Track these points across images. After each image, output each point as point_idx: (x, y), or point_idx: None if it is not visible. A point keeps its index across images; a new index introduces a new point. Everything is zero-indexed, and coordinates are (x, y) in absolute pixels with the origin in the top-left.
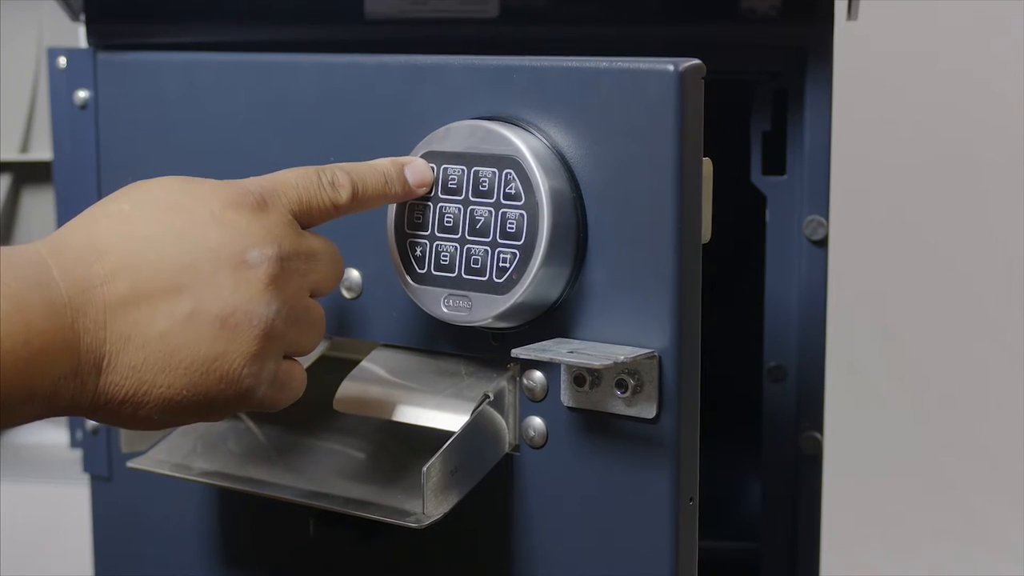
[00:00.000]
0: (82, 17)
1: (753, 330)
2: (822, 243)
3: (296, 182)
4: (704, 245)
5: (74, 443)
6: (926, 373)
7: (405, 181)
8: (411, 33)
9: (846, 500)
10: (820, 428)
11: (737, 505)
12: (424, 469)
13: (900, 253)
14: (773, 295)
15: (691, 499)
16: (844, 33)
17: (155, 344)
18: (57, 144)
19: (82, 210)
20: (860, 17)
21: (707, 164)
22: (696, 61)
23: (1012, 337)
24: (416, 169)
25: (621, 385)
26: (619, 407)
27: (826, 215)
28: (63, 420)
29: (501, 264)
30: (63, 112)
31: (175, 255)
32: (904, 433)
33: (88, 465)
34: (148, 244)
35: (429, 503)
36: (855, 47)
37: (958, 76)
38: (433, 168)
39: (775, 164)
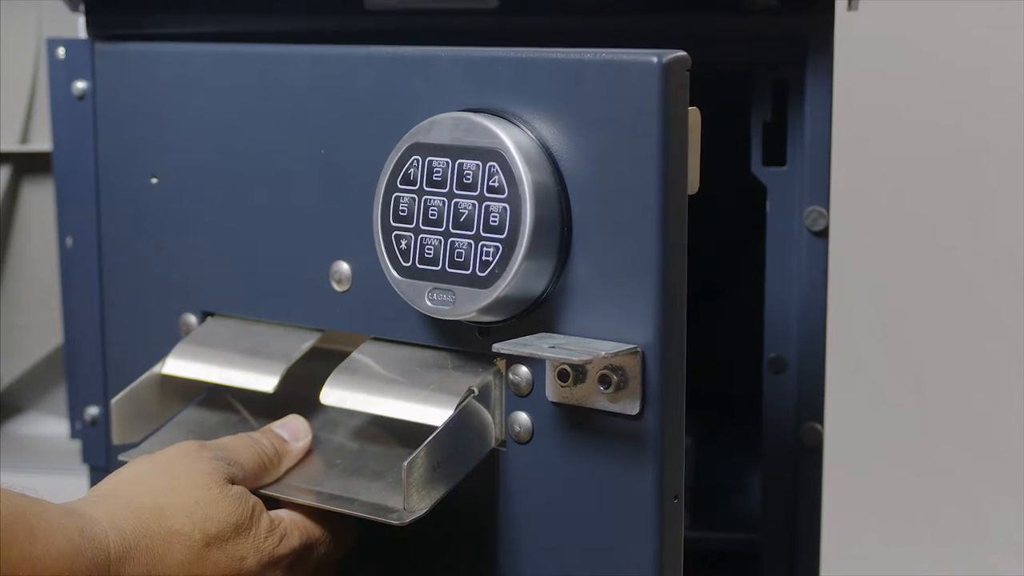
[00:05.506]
0: (81, 8)
1: (753, 321)
2: (822, 234)
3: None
4: (704, 237)
5: (73, 434)
6: (927, 365)
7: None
8: (411, 24)
9: (846, 492)
10: (820, 419)
11: (737, 496)
12: (405, 463)
13: (901, 244)
14: (773, 286)
15: (675, 496)
16: (844, 23)
17: None
18: (56, 135)
19: (81, 199)
20: (860, 7)
21: (694, 113)
22: (681, 53)
23: (1013, 329)
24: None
25: (604, 381)
26: (603, 403)
27: (826, 206)
28: (63, 411)
29: (484, 258)
30: (62, 103)
31: None
32: (905, 425)
33: (87, 456)
34: None
35: (411, 498)
36: (855, 37)
37: (959, 67)
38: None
39: (775, 155)
